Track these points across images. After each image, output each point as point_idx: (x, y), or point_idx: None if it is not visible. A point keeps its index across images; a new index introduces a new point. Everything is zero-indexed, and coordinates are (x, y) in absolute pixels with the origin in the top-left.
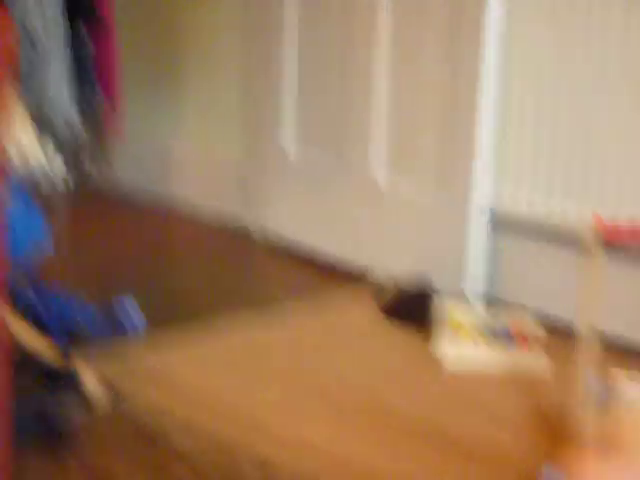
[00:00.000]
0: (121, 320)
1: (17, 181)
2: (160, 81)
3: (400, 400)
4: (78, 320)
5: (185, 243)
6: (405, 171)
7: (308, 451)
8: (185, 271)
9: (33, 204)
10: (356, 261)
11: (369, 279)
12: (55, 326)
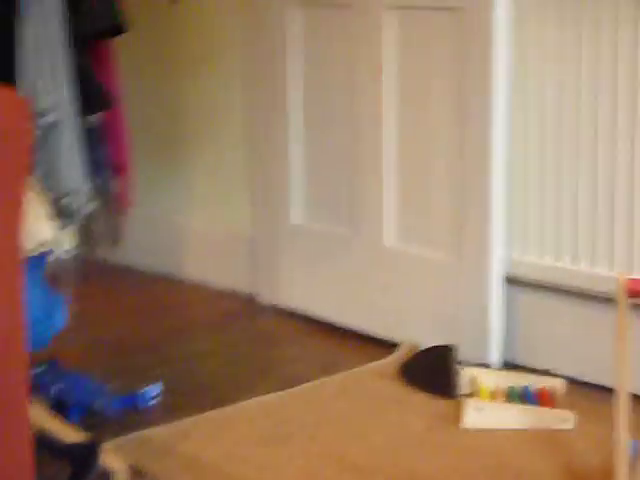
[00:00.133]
0: (136, 397)
1: (34, 265)
2: (166, 150)
3: (425, 465)
4: (94, 400)
5: (198, 316)
6: (417, 237)
7: None
8: (202, 347)
9: (52, 290)
10: (371, 328)
11: (389, 347)
12: (73, 407)
